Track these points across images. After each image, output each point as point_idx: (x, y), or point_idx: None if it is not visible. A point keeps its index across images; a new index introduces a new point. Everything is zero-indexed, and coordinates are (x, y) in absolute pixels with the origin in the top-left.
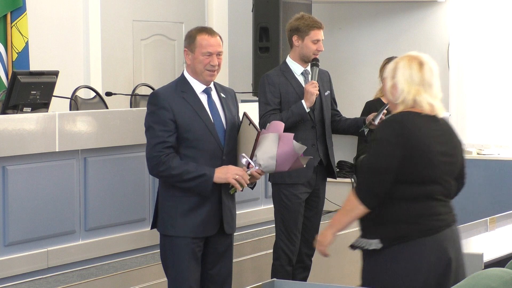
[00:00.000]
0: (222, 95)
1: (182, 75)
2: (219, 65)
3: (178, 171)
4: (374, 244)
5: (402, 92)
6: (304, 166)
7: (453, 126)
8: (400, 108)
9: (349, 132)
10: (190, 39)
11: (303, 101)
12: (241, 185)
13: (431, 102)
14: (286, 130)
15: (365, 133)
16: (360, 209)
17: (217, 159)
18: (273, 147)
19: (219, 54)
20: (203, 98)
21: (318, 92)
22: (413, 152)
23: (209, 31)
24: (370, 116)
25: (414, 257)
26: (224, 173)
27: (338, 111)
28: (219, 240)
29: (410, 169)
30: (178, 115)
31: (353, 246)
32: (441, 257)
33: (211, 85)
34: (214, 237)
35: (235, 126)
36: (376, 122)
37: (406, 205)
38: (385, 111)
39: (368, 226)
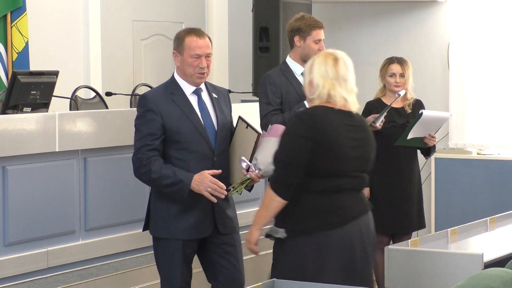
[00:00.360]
0: (214, 95)
1: (172, 76)
2: (208, 67)
3: (157, 175)
4: (280, 233)
5: (318, 87)
6: None
7: (367, 124)
8: (315, 103)
9: None
10: (179, 41)
11: (305, 102)
12: (238, 190)
13: (345, 97)
14: None
15: None
16: (277, 201)
17: (208, 160)
18: (273, 151)
19: (207, 56)
20: (193, 100)
21: None
22: (322, 146)
23: (197, 32)
24: (370, 118)
25: (314, 251)
26: (198, 184)
27: None
28: (217, 241)
29: (319, 163)
30: (166, 118)
31: (266, 235)
32: (344, 251)
33: (202, 86)
34: (211, 237)
35: (226, 126)
36: (378, 124)
37: (314, 198)
38: (386, 113)
39: (279, 214)
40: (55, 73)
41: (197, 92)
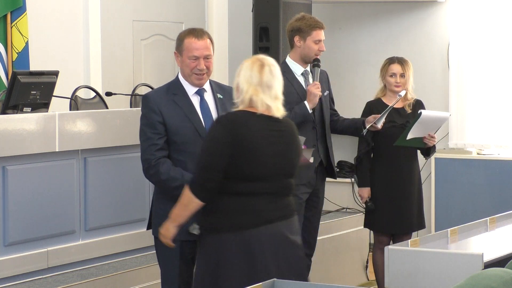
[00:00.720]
0: (219, 95)
1: (177, 76)
2: (208, 68)
3: (165, 177)
4: (196, 229)
5: (242, 91)
6: (311, 160)
7: (293, 129)
8: (240, 107)
9: (347, 133)
10: (179, 41)
11: (306, 102)
12: None
13: (268, 103)
14: None
15: (364, 134)
16: (195, 202)
17: None
18: None
19: (206, 57)
20: (195, 100)
21: (321, 93)
22: (240, 150)
23: (197, 33)
24: (370, 118)
25: (218, 250)
26: None
27: (335, 110)
28: None
29: (236, 166)
30: (167, 118)
31: (187, 231)
32: (250, 254)
33: (206, 86)
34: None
35: None
36: (379, 125)
37: (229, 199)
38: (387, 114)
39: (199, 211)
40: (55, 73)
41: (199, 93)
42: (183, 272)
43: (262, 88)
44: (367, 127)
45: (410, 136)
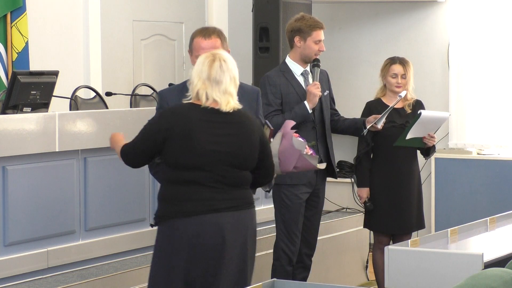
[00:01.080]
0: None
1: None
2: None
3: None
4: (153, 220)
5: (192, 85)
6: (317, 166)
7: (249, 122)
8: (192, 100)
9: (347, 132)
10: (190, 40)
11: (305, 102)
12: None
13: (215, 97)
14: None
15: (364, 134)
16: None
17: None
18: (276, 145)
19: None
20: None
21: (320, 93)
22: (175, 138)
23: (205, 33)
24: (371, 118)
25: (168, 237)
26: None
27: (336, 110)
28: None
29: (175, 155)
30: None
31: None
32: (191, 240)
33: None
34: None
35: None
36: (379, 125)
37: (176, 187)
38: (387, 114)
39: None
40: (55, 73)
41: None
42: None
43: (211, 82)
44: (368, 127)
45: (409, 136)
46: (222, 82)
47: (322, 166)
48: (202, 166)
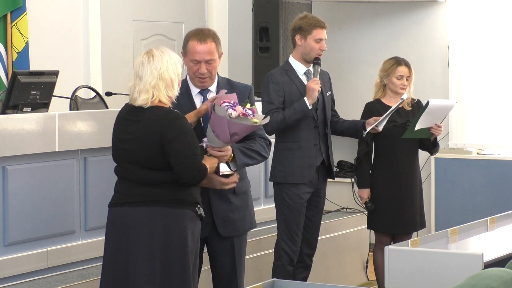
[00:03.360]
0: None
1: (186, 75)
2: (210, 72)
3: None
4: None
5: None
6: (257, 124)
7: (151, 121)
8: None
9: (346, 134)
10: (184, 42)
11: (305, 98)
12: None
13: (134, 94)
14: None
15: (364, 135)
16: None
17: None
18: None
19: (208, 62)
20: (198, 100)
21: (320, 89)
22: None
23: (201, 36)
24: (371, 120)
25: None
26: (206, 183)
27: (336, 111)
28: (217, 242)
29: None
30: None
31: None
32: (109, 231)
33: (213, 87)
34: (210, 238)
35: None
36: (380, 127)
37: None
38: (389, 117)
39: None
40: (55, 73)
41: (202, 93)
42: None
43: (135, 79)
44: (368, 129)
45: (418, 126)
46: (142, 78)
47: (265, 120)
48: (117, 162)
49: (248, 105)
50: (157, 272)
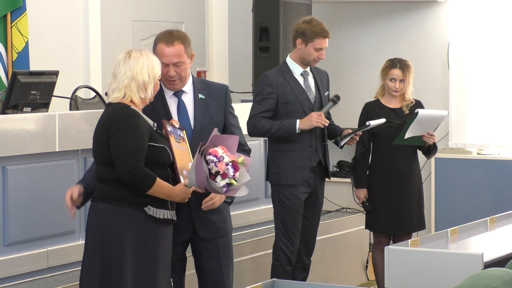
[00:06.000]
0: (201, 95)
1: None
2: (180, 74)
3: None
4: None
5: None
6: (232, 189)
7: (103, 118)
8: None
9: (328, 137)
10: (154, 45)
11: (298, 121)
12: None
13: (109, 91)
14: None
15: (340, 145)
16: None
17: None
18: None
19: (176, 64)
20: (172, 102)
21: (321, 126)
22: None
23: (168, 39)
24: (349, 130)
25: None
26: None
27: (329, 113)
28: (200, 244)
29: None
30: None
31: None
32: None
33: (187, 87)
34: (193, 242)
35: (209, 126)
36: (342, 143)
37: None
38: (359, 132)
39: None
40: (55, 73)
41: (177, 94)
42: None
43: (112, 77)
44: (342, 142)
45: (408, 135)
46: (116, 76)
47: (243, 191)
48: (95, 159)
49: (241, 159)
50: (97, 266)
